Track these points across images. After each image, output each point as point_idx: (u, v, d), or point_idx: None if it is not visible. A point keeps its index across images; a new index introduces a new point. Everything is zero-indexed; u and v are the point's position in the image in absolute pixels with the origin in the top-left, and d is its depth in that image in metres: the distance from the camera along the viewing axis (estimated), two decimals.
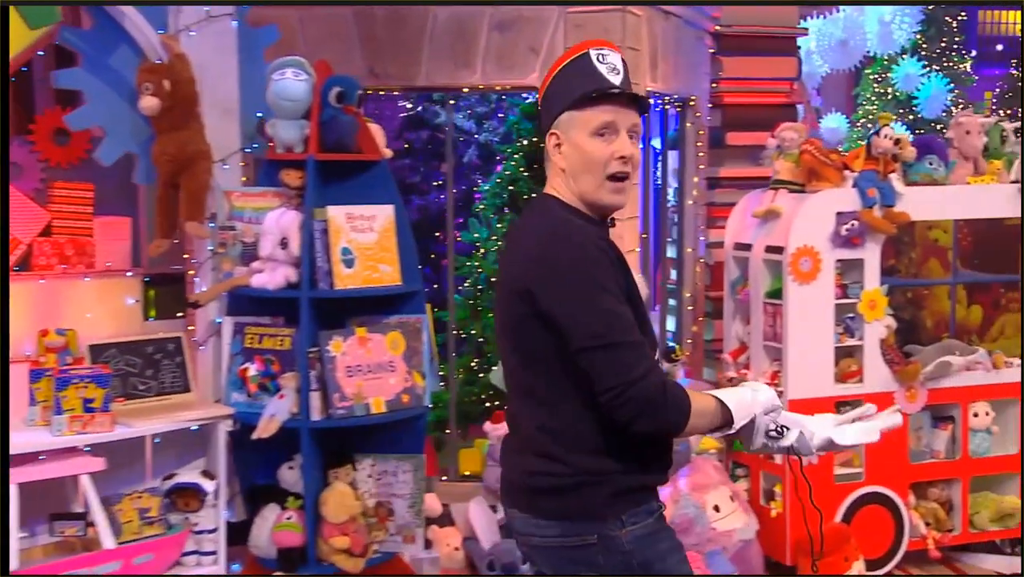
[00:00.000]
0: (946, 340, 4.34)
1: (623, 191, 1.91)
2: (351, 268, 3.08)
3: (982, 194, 4.33)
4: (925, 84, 7.14)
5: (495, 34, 3.79)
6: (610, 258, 1.86)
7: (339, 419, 3.05)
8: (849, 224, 4.10)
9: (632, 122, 1.91)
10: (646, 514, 1.91)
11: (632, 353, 1.79)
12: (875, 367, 4.18)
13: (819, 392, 4.10)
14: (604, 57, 1.92)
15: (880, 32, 6.98)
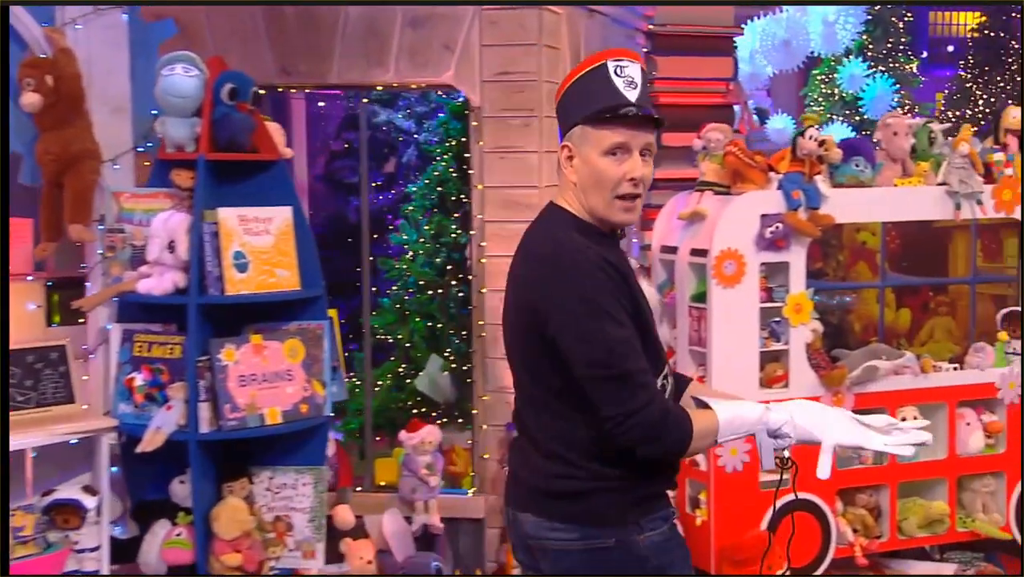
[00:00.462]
0: (874, 344, 4.29)
1: (633, 209, 1.91)
2: (244, 273, 2.95)
3: (910, 196, 4.28)
4: (870, 85, 7.13)
5: (408, 31, 3.69)
6: (614, 278, 1.85)
7: (230, 431, 2.93)
8: (773, 227, 4.03)
9: (646, 141, 1.89)
10: (662, 520, 1.94)
11: (634, 383, 1.81)
12: (801, 372, 4.12)
13: (744, 397, 4.02)
14: (622, 69, 1.88)
15: (824, 32, 6.95)
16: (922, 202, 4.29)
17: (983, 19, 8.66)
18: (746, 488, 4.02)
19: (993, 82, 8.62)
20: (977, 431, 4.41)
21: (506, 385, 3.73)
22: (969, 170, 4.30)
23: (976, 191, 4.29)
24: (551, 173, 3.77)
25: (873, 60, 7.58)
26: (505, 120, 3.67)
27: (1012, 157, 4.42)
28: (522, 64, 3.64)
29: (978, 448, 4.40)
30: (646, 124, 1.89)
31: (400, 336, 4.76)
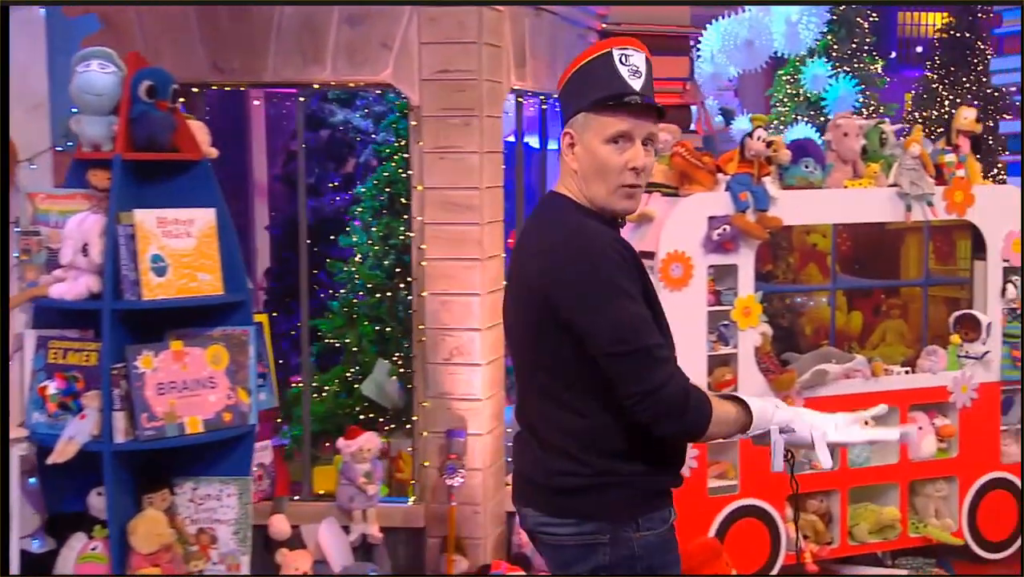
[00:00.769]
0: (824, 348, 4.23)
1: (634, 196, 1.90)
2: (163, 277, 2.85)
3: (860, 198, 4.23)
4: (833, 85, 7.09)
5: (345, 28, 3.60)
6: (627, 260, 1.85)
7: (146, 441, 2.83)
8: (721, 229, 3.97)
9: (648, 131, 1.88)
10: (660, 521, 1.92)
11: (655, 358, 1.81)
12: (750, 376, 4.06)
13: None
14: (627, 58, 1.87)
15: (787, 32, 6.90)
16: (872, 204, 4.25)
17: (950, 19, 8.65)
18: (693, 495, 3.95)
19: (959, 83, 8.60)
20: (929, 435, 4.36)
21: (447, 391, 3.66)
22: (920, 171, 4.26)
23: (927, 193, 4.25)
24: (492, 173, 3.69)
25: (838, 60, 7.54)
26: (445, 120, 3.59)
27: (964, 159, 4.38)
28: (462, 62, 3.56)
29: (930, 452, 4.35)
30: (649, 113, 1.87)
31: (348, 340, 4.67)
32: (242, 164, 7.87)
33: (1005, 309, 4.38)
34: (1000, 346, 4.36)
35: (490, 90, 3.64)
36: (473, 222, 3.60)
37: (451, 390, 3.64)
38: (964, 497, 4.35)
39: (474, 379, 3.63)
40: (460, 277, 3.63)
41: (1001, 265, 4.35)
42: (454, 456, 3.52)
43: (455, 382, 3.64)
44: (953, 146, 4.40)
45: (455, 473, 3.49)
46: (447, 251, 3.62)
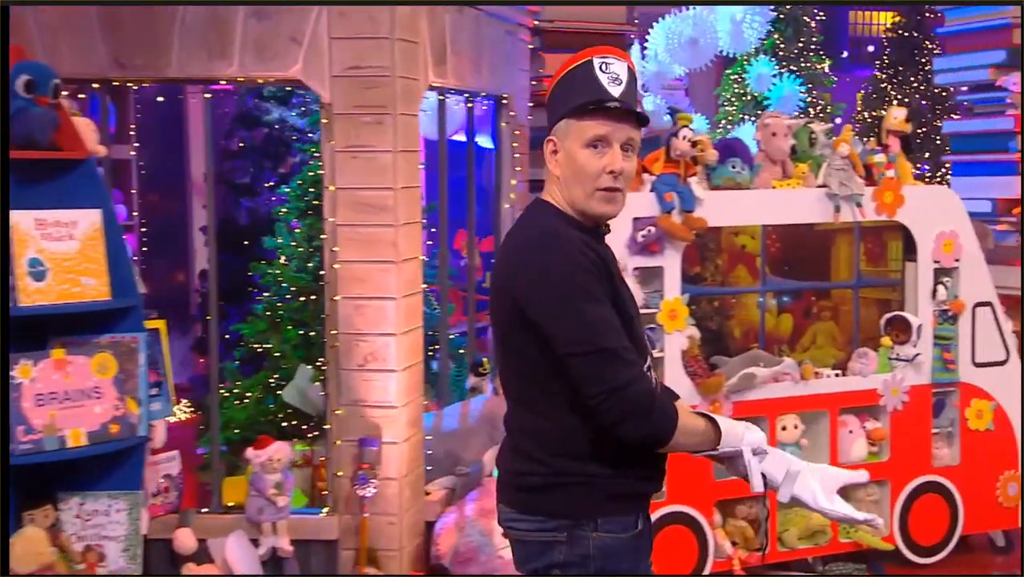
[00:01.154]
0: (753, 351, 4.17)
1: (614, 201, 1.93)
2: (42, 281, 2.71)
3: (789, 198, 4.16)
4: (777, 85, 7.05)
5: (252, 22, 3.46)
6: (595, 265, 1.89)
7: (23, 455, 2.69)
8: (645, 230, 3.89)
9: (627, 136, 1.92)
10: (623, 527, 1.93)
11: (619, 358, 1.83)
12: (677, 380, 3.97)
13: None
14: (607, 66, 1.92)
15: (732, 31, 6.84)
16: (801, 204, 4.18)
17: (899, 19, 8.66)
18: None
19: (907, 82, 8.61)
20: (860, 439, 4.31)
21: (361, 398, 3.54)
22: (849, 172, 4.20)
23: (856, 193, 4.19)
24: (407, 173, 3.58)
25: (785, 60, 7.50)
26: (357, 117, 3.47)
27: (894, 159, 4.33)
28: (374, 58, 3.44)
29: (861, 456, 4.30)
30: (628, 119, 1.92)
31: (271, 345, 4.54)
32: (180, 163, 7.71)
33: (936, 311, 4.34)
34: (931, 348, 4.31)
35: (405, 87, 3.52)
36: (387, 223, 3.49)
37: (365, 397, 3.52)
38: (895, 501, 4.31)
39: (389, 385, 3.51)
40: (374, 280, 3.51)
41: (932, 266, 4.31)
42: (366, 466, 3.40)
43: (369, 389, 3.52)
44: (883, 146, 4.35)
45: (367, 483, 3.38)
46: (360, 253, 3.50)
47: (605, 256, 1.93)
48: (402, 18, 3.48)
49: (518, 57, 4.71)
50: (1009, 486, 4.40)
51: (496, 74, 4.41)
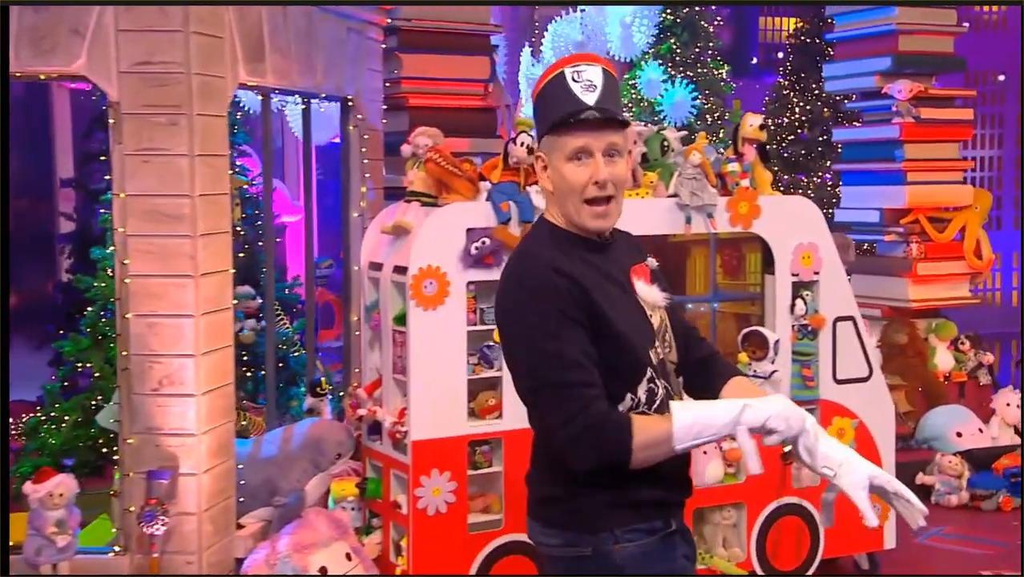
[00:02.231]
0: None
1: (604, 215, 1.94)
2: None
3: (637, 209, 3.95)
4: (668, 91, 6.89)
5: (29, 12, 3.16)
6: (561, 289, 1.88)
7: None
8: (479, 242, 3.66)
9: (607, 142, 1.92)
10: (644, 533, 1.93)
11: (561, 394, 1.85)
12: (517, 400, 3.71)
13: (449, 431, 3.64)
14: (580, 74, 1.92)
15: (622, 35, 6.68)
16: (650, 215, 3.98)
17: (801, 24, 8.58)
18: (452, 531, 3.63)
19: (809, 89, 8.53)
20: (715, 460, 4.12)
21: (156, 425, 3.25)
22: (702, 181, 4.01)
23: (708, 204, 4.01)
24: (205, 179, 3.30)
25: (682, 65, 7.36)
26: (148, 118, 3.18)
27: (748, 168, 4.16)
28: (166, 53, 3.16)
29: (717, 478, 4.11)
30: (608, 125, 1.92)
31: (91, 364, 4.22)
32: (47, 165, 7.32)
33: (795, 325, 4.17)
34: (790, 364, 4.15)
35: (204, 85, 3.24)
36: (184, 234, 3.20)
37: (161, 424, 3.23)
38: (752, 525, 4.13)
39: (187, 411, 3.23)
40: (170, 296, 3.22)
41: (790, 280, 4.14)
42: (154, 501, 3.11)
43: (165, 415, 3.23)
44: (739, 154, 4.18)
45: (153, 520, 3.09)
46: (154, 267, 3.21)
47: (579, 275, 1.90)
48: (199, 11, 3.20)
49: (366, 57, 4.45)
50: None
51: (335, 74, 4.15)
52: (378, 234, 3.90)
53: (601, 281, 1.93)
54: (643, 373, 1.95)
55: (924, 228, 6.20)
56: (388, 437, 3.72)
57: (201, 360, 3.26)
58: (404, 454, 3.62)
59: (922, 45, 6.18)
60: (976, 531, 4.94)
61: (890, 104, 6.14)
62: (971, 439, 5.61)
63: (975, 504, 5.25)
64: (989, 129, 11.26)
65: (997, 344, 10.84)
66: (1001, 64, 10.98)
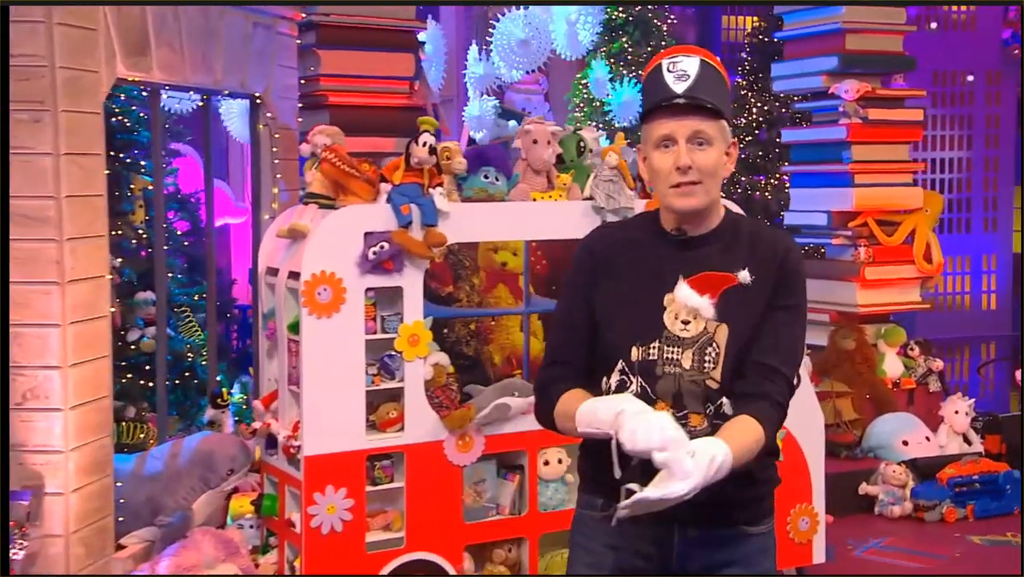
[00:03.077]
0: (509, 379, 3.79)
1: (689, 194, 1.97)
2: None
3: (550, 212, 3.80)
4: (617, 90, 6.73)
5: None
6: (583, 263, 2.07)
7: None
8: (377, 246, 3.48)
9: (693, 129, 1.94)
10: (587, 505, 2.09)
11: (545, 355, 2.16)
12: (420, 412, 3.58)
13: (345, 445, 3.46)
14: (675, 65, 1.97)
15: (568, 33, 6.50)
16: (564, 218, 3.81)
17: (759, 23, 8.43)
18: (348, 550, 3.45)
19: (767, 89, 8.38)
20: None
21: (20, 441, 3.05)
22: (619, 184, 3.85)
23: (625, 207, 3.84)
24: (74, 179, 3.11)
25: (634, 64, 7.19)
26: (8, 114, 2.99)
27: None
28: (26, 46, 2.97)
29: None
30: (694, 112, 1.94)
31: None
32: None
33: None
34: None
35: (71, 80, 3.06)
36: (49, 238, 3.02)
37: (25, 441, 3.04)
38: None
39: (54, 427, 3.04)
40: (35, 304, 3.03)
41: None
42: (12, 523, 2.92)
43: (29, 430, 3.04)
44: None
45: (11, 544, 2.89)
46: (18, 273, 3.03)
47: (616, 258, 2.03)
48: None
49: (278, 53, 4.27)
50: (801, 521, 4.10)
51: (238, 70, 3.97)
52: (276, 238, 3.72)
53: (635, 268, 2.01)
54: (614, 364, 1.99)
55: (873, 231, 6.06)
56: (282, 452, 3.54)
57: (70, 372, 3.07)
58: (298, 470, 3.45)
59: (870, 44, 6.03)
60: (917, 544, 4.80)
61: (837, 104, 6.00)
62: (918, 448, 5.46)
63: (918, 515, 5.10)
64: (958, 130, 11.14)
65: (967, 348, 10.77)
66: (970, 64, 10.86)
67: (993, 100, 11.08)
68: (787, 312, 1.98)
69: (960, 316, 11.23)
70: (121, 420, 3.91)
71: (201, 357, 4.42)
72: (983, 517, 5.07)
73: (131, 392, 4.00)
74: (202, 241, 6.42)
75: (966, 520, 5.05)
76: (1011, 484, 5.21)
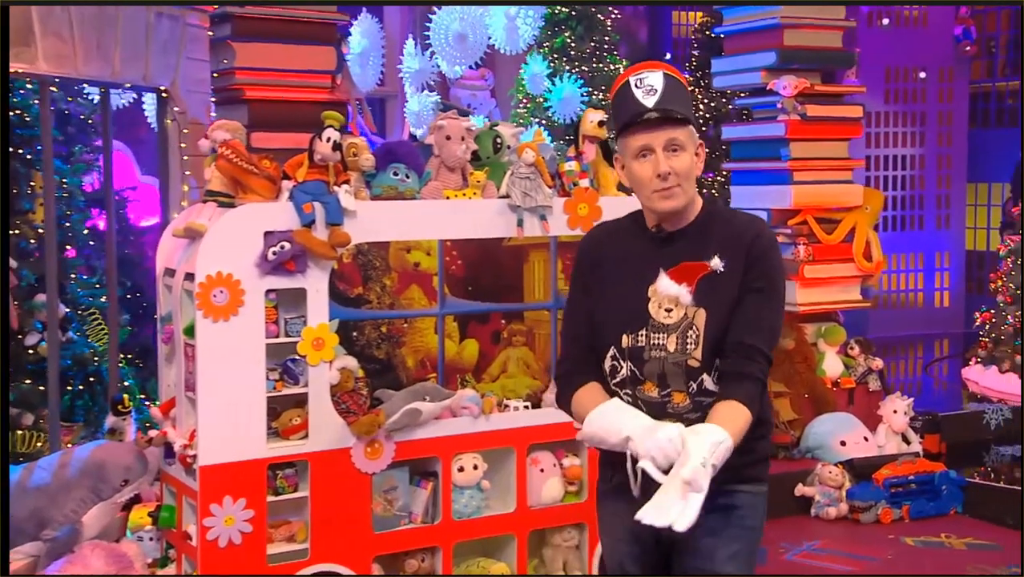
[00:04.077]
0: (422, 383, 3.66)
1: (670, 196, 2.19)
2: None
3: (464, 210, 3.68)
4: (557, 86, 6.61)
5: None
6: (580, 261, 2.33)
7: None
8: (278, 246, 3.34)
9: (667, 138, 2.16)
10: (601, 479, 2.36)
11: (562, 341, 2.39)
12: (325, 419, 3.45)
13: (245, 454, 3.32)
14: (642, 80, 2.17)
15: (507, 27, 6.39)
16: (478, 217, 3.70)
17: (706, 19, 8.36)
18: (248, 563, 3.31)
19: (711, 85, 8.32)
20: (554, 477, 3.86)
21: None
22: (536, 181, 3.74)
23: (542, 205, 3.74)
24: None
25: (577, 60, 7.08)
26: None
27: (588, 167, 3.90)
28: None
29: (556, 497, 3.85)
30: (667, 123, 2.16)
31: None
32: None
33: None
34: None
35: None
36: None
37: None
38: (595, 546, 3.87)
39: None
40: None
41: None
42: None
43: None
44: (578, 153, 3.91)
45: None
46: None
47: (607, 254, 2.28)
48: None
49: (185, 45, 4.11)
50: None
51: (139, 62, 3.81)
52: (173, 238, 3.57)
53: (621, 264, 2.25)
54: (607, 350, 2.24)
55: (812, 229, 5.99)
56: (179, 461, 3.39)
57: None
58: (195, 480, 3.30)
59: (808, 40, 5.96)
60: (849, 546, 4.73)
61: (775, 101, 5.93)
62: (855, 448, 5.40)
63: (854, 516, 5.04)
64: (911, 127, 11.14)
65: (920, 345, 10.78)
66: (922, 61, 10.87)
67: (945, 97, 11.11)
68: (760, 293, 2.19)
69: (913, 313, 11.25)
70: (18, 428, 3.73)
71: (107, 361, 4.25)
72: (919, 518, 5.02)
73: (29, 399, 3.82)
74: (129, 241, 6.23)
75: (902, 521, 5.00)
76: (947, 484, 5.17)
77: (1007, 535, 4.80)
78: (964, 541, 4.75)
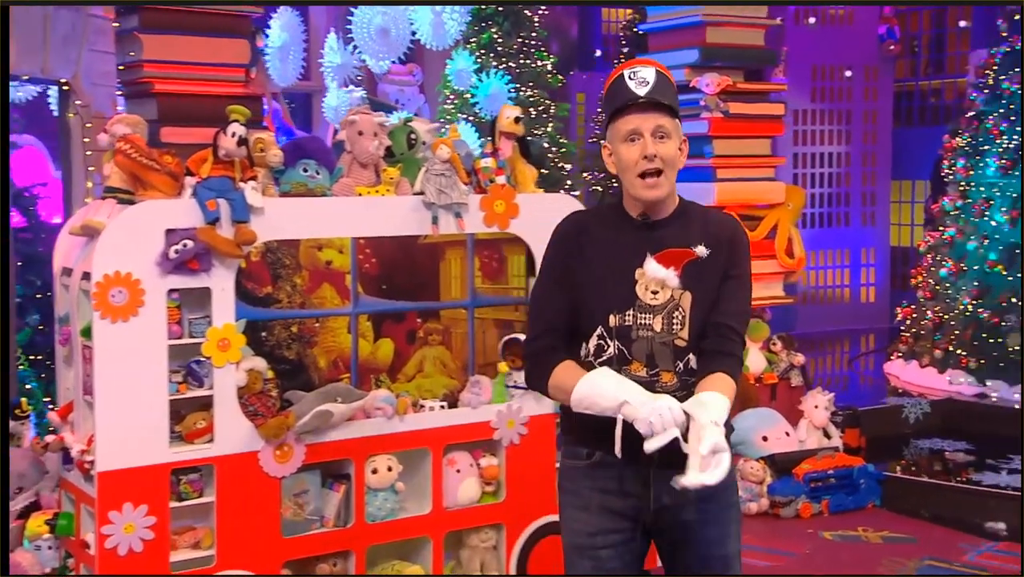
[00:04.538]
0: (333, 384, 3.58)
1: (655, 186, 2.29)
2: None
3: (376, 207, 3.60)
4: (483, 82, 6.57)
5: None
6: (557, 244, 2.40)
7: None
8: (180, 244, 3.23)
9: (656, 123, 2.28)
10: (570, 457, 2.40)
11: (531, 320, 2.45)
12: (231, 422, 3.35)
13: (145, 459, 3.20)
14: (635, 74, 2.31)
15: (433, 22, 6.31)
16: (392, 214, 3.63)
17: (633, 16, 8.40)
18: (150, 571, 3.20)
19: None
20: (471, 478, 3.81)
21: None
22: (451, 178, 3.68)
23: (457, 202, 3.69)
24: None
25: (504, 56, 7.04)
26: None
27: (504, 164, 3.86)
28: None
29: (473, 498, 3.80)
30: (655, 110, 2.28)
31: None
32: None
33: None
34: None
35: None
36: None
37: None
38: (513, 546, 3.84)
39: None
40: None
41: None
42: None
43: None
44: (494, 149, 3.87)
45: None
46: None
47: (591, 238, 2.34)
48: None
49: (87, 36, 3.95)
50: None
51: (38, 55, 3.65)
52: (71, 236, 3.43)
53: (609, 247, 2.32)
54: (594, 330, 2.31)
55: None
56: (77, 467, 3.26)
57: None
58: (93, 486, 3.17)
59: (730, 38, 6.01)
60: (768, 541, 4.77)
61: (699, 98, 5.96)
62: (777, 443, 5.46)
63: (775, 511, 5.10)
64: (837, 125, 11.35)
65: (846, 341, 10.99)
66: (848, 60, 11.08)
67: (871, 95, 11.35)
68: (737, 280, 2.35)
69: (840, 309, 11.48)
70: None
71: (17, 362, 4.08)
72: (838, 512, 5.10)
73: None
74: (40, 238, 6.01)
75: (821, 515, 5.08)
76: (865, 479, 5.26)
77: (923, 528, 4.90)
78: (880, 534, 4.83)
